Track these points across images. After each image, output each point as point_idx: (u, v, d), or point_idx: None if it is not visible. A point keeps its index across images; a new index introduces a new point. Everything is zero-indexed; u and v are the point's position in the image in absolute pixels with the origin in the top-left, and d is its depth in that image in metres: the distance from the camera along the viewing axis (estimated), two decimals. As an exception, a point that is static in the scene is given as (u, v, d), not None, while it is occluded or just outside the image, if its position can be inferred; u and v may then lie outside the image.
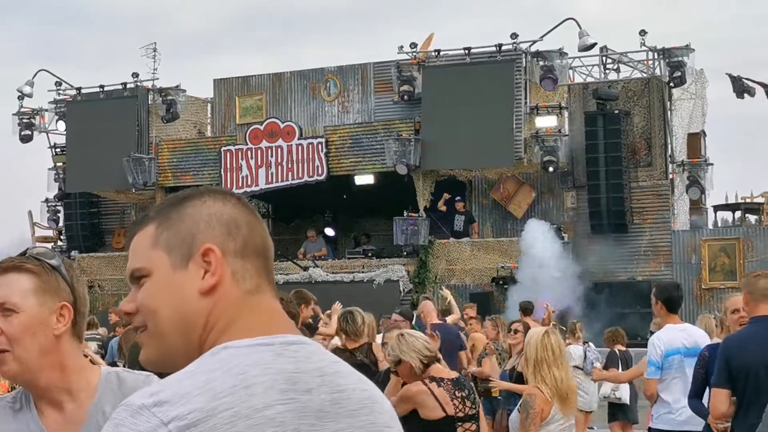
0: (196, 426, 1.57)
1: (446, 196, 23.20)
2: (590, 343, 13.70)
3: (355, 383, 1.76)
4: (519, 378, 8.96)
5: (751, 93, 22.99)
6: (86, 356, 2.71)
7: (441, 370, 6.36)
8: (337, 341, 9.56)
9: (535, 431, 6.66)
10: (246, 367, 1.65)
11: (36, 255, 2.55)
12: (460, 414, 6.18)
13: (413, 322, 13.57)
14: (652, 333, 9.06)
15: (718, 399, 6.13)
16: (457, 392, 6.19)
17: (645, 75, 23.04)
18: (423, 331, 11.05)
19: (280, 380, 1.66)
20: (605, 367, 12.58)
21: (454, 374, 6.35)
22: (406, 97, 23.78)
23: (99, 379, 2.58)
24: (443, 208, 23.32)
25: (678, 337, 7.92)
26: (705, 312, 14.44)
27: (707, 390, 6.75)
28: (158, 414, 1.58)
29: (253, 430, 1.60)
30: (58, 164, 27.16)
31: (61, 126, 26.94)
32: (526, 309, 16.21)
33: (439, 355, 6.88)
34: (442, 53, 23.45)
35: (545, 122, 22.16)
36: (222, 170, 24.55)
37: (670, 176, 22.83)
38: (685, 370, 7.88)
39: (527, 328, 9.63)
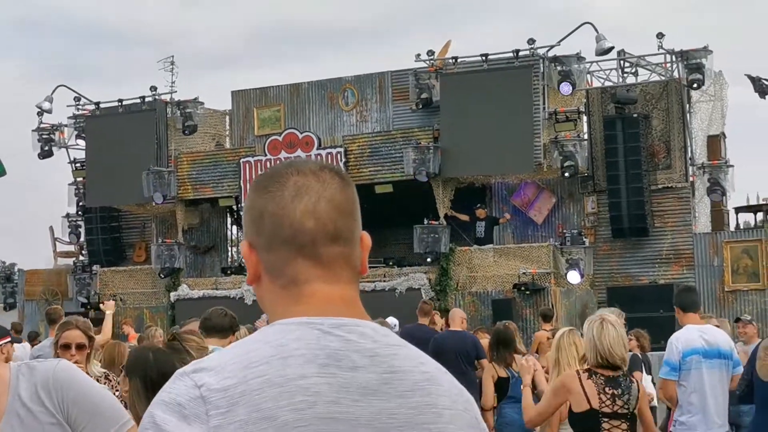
0: (226, 390, 1.68)
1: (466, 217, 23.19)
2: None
3: (414, 366, 1.79)
4: None
5: (771, 93, 22.83)
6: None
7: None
8: None
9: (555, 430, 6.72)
10: (287, 341, 1.74)
11: None
12: (606, 410, 6.20)
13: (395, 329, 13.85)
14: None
15: None
16: (608, 389, 6.23)
17: (663, 78, 22.94)
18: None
19: (322, 355, 1.73)
20: (629, 371, 12.48)
21: (617, 373, 6.35)
22: (421, 105, 23.74)
23: (11, 373, 2.86)
24: (466, 218, 23.21)
25: (696, 336, 7.85)
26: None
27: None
28: (194, 378, 1.72)
29: (282, 396, 1.68)
30: (79, 179, 27.22)
31: (81, 141, 27.04)
32: (546, 316, 16.22)
33: None
34: (459, 60, 23.40)
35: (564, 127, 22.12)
36: (241, 182, 24.57)
37: (691, 179, 22.72)
38: (702, 371, 7.81)
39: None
